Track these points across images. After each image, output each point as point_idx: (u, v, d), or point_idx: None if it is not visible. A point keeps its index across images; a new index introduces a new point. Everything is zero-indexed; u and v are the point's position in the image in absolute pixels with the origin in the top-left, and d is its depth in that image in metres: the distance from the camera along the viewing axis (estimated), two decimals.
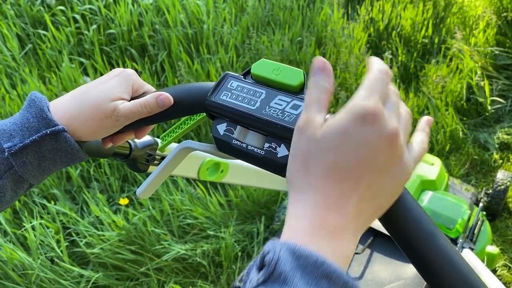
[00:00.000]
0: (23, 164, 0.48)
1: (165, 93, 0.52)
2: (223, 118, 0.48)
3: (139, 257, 1.71)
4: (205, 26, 2.36)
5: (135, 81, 0.55)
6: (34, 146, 0.48)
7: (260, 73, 0.48)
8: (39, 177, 0.50)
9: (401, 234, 0.40)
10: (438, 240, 0.39)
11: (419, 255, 0.39)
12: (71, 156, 0.51)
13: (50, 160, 0.50)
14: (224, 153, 0.50)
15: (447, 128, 2.22)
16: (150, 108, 0.52)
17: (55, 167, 0.51)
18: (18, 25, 2.46)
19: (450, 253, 0.38)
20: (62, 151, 0.49)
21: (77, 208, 1.86)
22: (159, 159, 0.78)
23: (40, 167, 0.50)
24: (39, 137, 0.47)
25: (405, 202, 0.40)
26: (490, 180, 2.11)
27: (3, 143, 0.47)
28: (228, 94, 0.48)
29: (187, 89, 0.52)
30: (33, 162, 0.48)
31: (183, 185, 1.86)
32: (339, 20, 2.59)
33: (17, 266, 1.63)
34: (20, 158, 0.47)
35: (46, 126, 0.48)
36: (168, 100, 0.52)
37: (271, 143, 0.46)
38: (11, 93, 2.11)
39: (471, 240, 1.48)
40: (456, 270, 0.38)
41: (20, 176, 0.49)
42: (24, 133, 0.48)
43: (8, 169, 0.48)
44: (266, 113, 0.45)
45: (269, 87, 0.48)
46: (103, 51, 2.37)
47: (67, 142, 0.49)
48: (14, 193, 0.50)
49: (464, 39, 2.61)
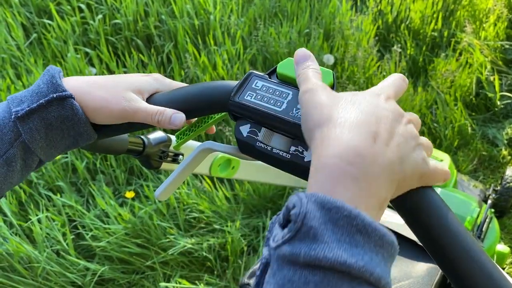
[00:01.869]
0: (29, 130, 0.47)
1: (181, 115, 0.51)
2: (246, 119, 0.46)
3: (145, 251, 1.70)
4: (212, 17, 2.33)
5: (165, 83, 0.55)
6: (40, 111, 0.47)
7: (287, 72, 0.46)
8: (46, 150, 0.50)
9: (430, 237, 0.39)
10: (461, 237, 0.38)
11: (446, 255, 0.38)
12: (78, 129, 0.50)
13: (57, 129, 0.49)
14: (247, 155, 0.48)
15: (456, 123, 2.19)
16: (162, 120, 0.51)
17: (62, 140, 0.50)
18: (23, 14, 2.43)
19: (474, 250, 0.37)
20: (69, 120, 0.49)
21: (83, 201, 1.86)
22: (172, 156, 0.77)
23: (47, 137, 0.49)
24: (45, 101, 0.47)
25: (433, 202, 0.40)
26: (499, 176, 2.09)
27: (13, 107, 0.47)
28: (253, 94, 0.46)
29: (210, 88, 0.51)
30: (40, 130, 0.48)
31: (189, 179, 1.85)
32: (347, 12, 2.55)
33: (23, 259, 1.63)
34: (26, 123, 0.47)
35: (54, 91, 0.48)
36: (180, 123, 0.51)
37: (298, 146, 0.44)
38: (16, 84, 2.09)
39: (479, 238, 1.47)
40: (480, 267, 0.37)
41: (28, 146, 0.48)
42: (33, 99, 0.48)
43: (17, 137, 0.47)
44: (293, 116, 0.44)
45: (296, 88, 0.46)
46: (108, 41, 2.35)
47: (73, 109, 0.48)
48: (24, 163, 0.49)
49: (474, 32, 2.58)
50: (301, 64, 0.44)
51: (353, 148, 0.33)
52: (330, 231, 0.29)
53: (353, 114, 0.36)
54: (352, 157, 0.33)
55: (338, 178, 0.32)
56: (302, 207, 0.30)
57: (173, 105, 0.52)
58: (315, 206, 0.30)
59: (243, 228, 1.78)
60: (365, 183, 0.32)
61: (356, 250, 0.29)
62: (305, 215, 0.29)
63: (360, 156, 0.33)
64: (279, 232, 0.31)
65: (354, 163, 0.33)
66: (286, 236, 0.29)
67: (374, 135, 0.35)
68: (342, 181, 0.32)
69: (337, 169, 0.33)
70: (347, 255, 0.28)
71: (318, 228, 0.29)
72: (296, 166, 0.44)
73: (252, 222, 1.81)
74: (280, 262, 0.29)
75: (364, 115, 0.36)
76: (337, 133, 0.34)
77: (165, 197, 0.53)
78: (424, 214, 0.39)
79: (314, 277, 0.28)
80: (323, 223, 0.29)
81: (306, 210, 0.29)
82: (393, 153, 0.35)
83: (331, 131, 0.35)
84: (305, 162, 0.43)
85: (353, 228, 0.29)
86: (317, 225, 0.29)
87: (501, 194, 1.85)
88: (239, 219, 1.78)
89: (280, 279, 0.29)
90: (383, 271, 0.30)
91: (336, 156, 0.33)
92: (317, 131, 0.36)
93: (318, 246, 0.28)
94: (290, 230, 0.29)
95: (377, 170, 0.33)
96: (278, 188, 1.86)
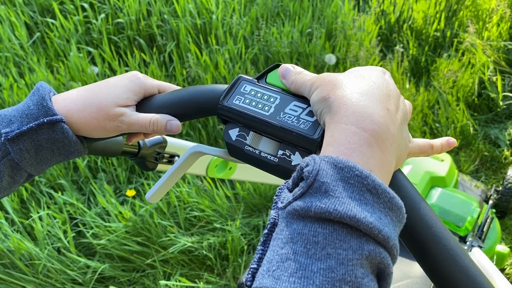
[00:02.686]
0: (19, 151, 0.48)
1: (176, 121, 0.52)
2: (235, 123, 0.47)
3: (146, 249, 1.71)
4: (214, 16, 2.33)
5: (146, 84, 0.54)
6: (31, 133, 0.47)
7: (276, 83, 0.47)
8: (37, 167, 0.50)
9: (409, 235, 0.39)
10: (445, 241, 0.38)
11: (426, 255, 0.38)
12: (68, 148, 0.50)
13: (47, 150, 0.49)
14: (236, 158, 0.48)
15: (458, 123, 2.19)
16: (157, 129, 0.51)
17: (53, 158, 0.50)
18: (27, 13, 2.45)
19: (458, 254, 0.38)
20: (59, 142, 0.49)
21: (84, 199, 1.87)
22: (168, 157, 0.77)
23: (37, 156, 0.49)
24: (36, 125, 0.47)
25: (413, 202, 0.40)
26: (500, 177, 2.09)
27: (2, 128, 0.47)
28: (241, 98, 0.47)
29: (200, 92, 0.51)
30: (30, 150, 0.48)
31: (190, 178, 1.85)
32: (349, 12, 2.55)
33: (24, 256, 1.64)
34: (16, 144, 0.47)
35: (44, 115, 0.48)
36: (177, 129, 0.52)
37: (285, 150, 0.44)
38: (19, 82, 2.10)
39: (480, 238, 1.46)
40: (463, 271, 0.37)
41: (16, 163, 0.48)
42: (23, 120, 0.48)
43: (5, 155, 0.47)
44: (281, 120, 0.44)
45: (283, 92, 0.46)
46: (111, 40, 2.36)
47: (64, 133, 0.48)
48: (12, 180, 0.49)
49: (477, 33, 2.57)
50: (288, 75, 0.45)
51: (370, 116, 0.35)
52: (341, 187, 0.30)
53: (366, 84, 0.38)
54: (369, 124, 0.34)
55: (354, 143, 0.33)
56: (315, 165, 0.31)
57: (163, 110, 0.52)
58: (328, 165, 0.31)
59: (243, 227, 1.78)
60: (379, 150, 0.34)
61: (366, 207, 0.30)
62: (318, 172, 0.30)
63: (377, 124, 0.34)
64: (288, 194, 0.32)
65: (370, 130, 0.34)
66: (298, 193, 0.30)
67: (387, 106, 0.37)
68: (358, 146, 0.33)
69: (354, 134, 0.34)
70: (357, 210, 0.29)
71: (330, 184, 0.30)
72: (284, 169, 0.44)
73: (252, 221, 1.82)
74: (290, 218, 0.30)
75: (377, 87, 0.38)
76: (353, 99, 0.36)
77: (156, 200, 0.53)
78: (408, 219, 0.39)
79: (324, 230, 0.29)
80: (335, 180, 0.30)
81: (319, 168, 0.30)
82: (398, 127, 0.37)
83: (347, 97, 0.36)
84: (292, 166, 0.44)
85: (363, 187, 0.30)
86: (329, 181, 0.30)
87: (502, 194, 1.84)
88: (239, 218, 1.79)
89: (289, 233, 0.29)
90: (391, 232, 0.30)
91: (353, 122, 0.34)
92: (332, 96, 0.37)
93: (329, 200, 0.29)
94: (301, 187, 0.30)
95: (389, 140, 0.35)
96: None
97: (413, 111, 2.21)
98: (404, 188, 0.41)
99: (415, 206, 0.39)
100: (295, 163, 0.44)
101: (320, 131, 0.42)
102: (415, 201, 0.40)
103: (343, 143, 0.33)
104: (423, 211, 0.39)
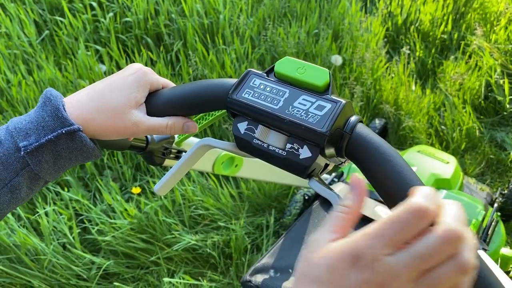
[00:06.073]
0: (38, 162, 0.48)
1: (192, 122, 0.53)
2: (244, 116, 0.47)
3: (150, 246, 1.72)
4: (221, 16, 2.34)
5: (153, 80, 0.54)
6: (49, 145, 0.48)
7: (284, 71, 0.47)
8: (54, 174, 0.50)
9: None
10: None
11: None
12: (86, 155, 0.51)
13: (65, 158, 0.50)
14: (245, 152, 0.49)
15: (464, 126, 2.18)
16: (174, 131, 0.53)
17: (70, 165, 0.51)
18: (36, 11, 2.47)
19: None
20: (78, 150, 0.49)
21: (90, 196, 1.88)
22: (175, 153, 0.78)
23: (55, 165, 0.49)
24: (54, 137, 0.47)
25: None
26: (506, 180, 2.08)
27: (19, 141, 0.47)
28: (251, 92, 0.47)
29: (209, 85, 0.52)
30: (49, 161, 0.48)
31: (195, 176, 1.86)
32: (356, 13, 2.55)
33: (30, 251, 1.65)
34: (36, 157, 0.47)
35: (61, 126, 0.48)
36: (194, 129, 0.53)
37: (294, 144, 0.44)
38: (27, 79, 2.12)
39: (485, 241, 1.46)
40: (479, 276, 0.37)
41: (36, 174, 0.49)
42: (40, 132, 0.47)
43: (24, 167, 0.48)
44: (290, 113, 0.44)
45: (292, 86, 0.46)
46: (119, 39, 2.37)
47: (82, 141, 0.49)
48: (30, 190, 0.50)
49: (485, 35, 2.56)
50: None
51: None
52: None
53: None
54: None
55: None
56: None
57: (172, 103, 0.53)
58: None
59: (247, 226, 1.79)
60: None
61: None
62: None
63: None
64: None
65: None
66: None
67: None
68: None
69: None
70: None
71: None
72: (292, 163, 0.45)
73: (256, 220, 1.82)
74: None
75: None
76: None
77: (165, 192, 0.54)
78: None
79: None
80: None
81: None
82: None
83: None
84: (300, 159, 0.44)
85: None
86: None
87: (508, 198, 1.83)
88: (243, 217, 1.79)
89: None
90: None
91: None
92: None
93: None
94: None
95: None
96: (283, 187, 1.87)
97: (419, 113, 2.21)
98: None
99: None
100: (303, 157, 0.44)
101: (329, 125, 0.42)
102: None
103: None
104: None
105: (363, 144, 0.42)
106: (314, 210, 1.28)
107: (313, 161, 0.44)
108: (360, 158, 0.43)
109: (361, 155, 0.42)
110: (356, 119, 0.44)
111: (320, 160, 0.45)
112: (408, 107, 2.23)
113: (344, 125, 0.44)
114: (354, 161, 0.44)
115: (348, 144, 0.44)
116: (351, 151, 0.44)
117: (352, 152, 0.44)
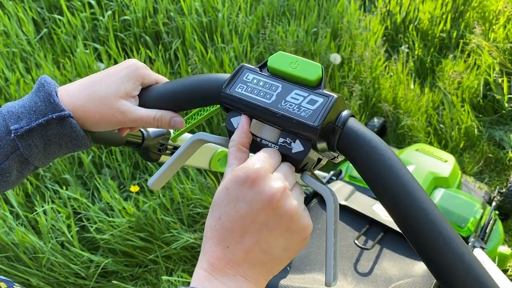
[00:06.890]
0: (28, 146, 0.49)
1: (179, 117, 0.54)
2: (237, 111, 0.47)
3: (148, 244, 1.72)
4: (220, 14, 2.34)
5: (145, 75, 0.55)
6: (40, 129, 0.48)
7: (277, 66, 0.47)
8: (44, 160, 0.51)
9: (414, 232, 0.39)
10: (450, 239, 0.38)
11: (431, 254, 0.38)
12: (76, 142, 0.51)
13: (55, 144, 0.50)
14: None
15: (462, 125, 2.18)
16: (161, 124, 0.53)
17: (60, 152, 0.52)
18: (34, 9, 2.47)
19: (463, 253, 0.37)
20: (67, 136, 0.50)
21: (88, 194, 1.88)
22: (171, 149, 0.78)
23: (45, 151, 0.50)
24: (45, 121, 0.48)
25: (420, 202, 0.39)
26: (504, 179, 2.08)
27: (11, 125, 0.48)
28: (244, 86, 0.47)
29: (202, 80, 0.52)
30: (39, 145, 0.49)
31: (193, 174, 1.86)
32: (355, 12, 2.55)
33: (28, 249, 1.65)
34: (26, 140, 0.48)
35: (52, 111, 0.48)
36: (181, 125, 0.54)
37: (286, 138, 0.45)
38: (25, 77, 2.12)
39: (483, 239, 1.46)
40: (468, 270, 0.37)
41: (25, 158, 0.49)
42: (31, 116, 0.48)
43: (14, 151, 0.48)
44: (282, 108, 0.44)
45: (285, 81, 0.47)
46: (117, 37, 2.37)
47: (72, 128, 0.50)
48: (20, 174, 0.51)
49: (483, 34, 2.56)
50: None
51: None
52: None
53: None
54: None
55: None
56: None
57: (166, 97, 0.53)
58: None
59: None
60: None
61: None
62: None
63: None
64: None
65: None
66: None
67: None
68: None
69: None
70: None
71: None
72: (284, 157, 0.45)
73: None
74: None
75: (221, 223, 0.41)
76: None
77: (158, 187, 0.54)
78: (415, 220, 0.39)
79: None
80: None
81: None
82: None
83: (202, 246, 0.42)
84: (293, 153, 0.44)
85: None
86: None
87: (506, 196, 1.83)
88: None
89: None
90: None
91: None
92: None
93: None
94: None
95: None
96: None
97: (417, 112, 2.21)
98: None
99: (420, 205, 0.39)
100: (296, 151, 0.44)
101: (321, 119, 0.42)
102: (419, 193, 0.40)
103: (198, 276, 0.40)
104: (429, 210, 0.39)
105: (354, 138, 0.43)
106: (312, 209, 1.28)
107: (305, 155, 0.44)
108: (352, 152, 0.43)
109: (353, 149, 0.43)
110: (347, 114, 0.44)
111: (312, 154, 0.45)
112: (407, 105, 2.23)
113: (336, 119, 0.44)
114: (345, 155, 0.44)
115: (339, 138, 0.44)
116: (343, 145, 0.44)
117: (344, 146, 0.44)
